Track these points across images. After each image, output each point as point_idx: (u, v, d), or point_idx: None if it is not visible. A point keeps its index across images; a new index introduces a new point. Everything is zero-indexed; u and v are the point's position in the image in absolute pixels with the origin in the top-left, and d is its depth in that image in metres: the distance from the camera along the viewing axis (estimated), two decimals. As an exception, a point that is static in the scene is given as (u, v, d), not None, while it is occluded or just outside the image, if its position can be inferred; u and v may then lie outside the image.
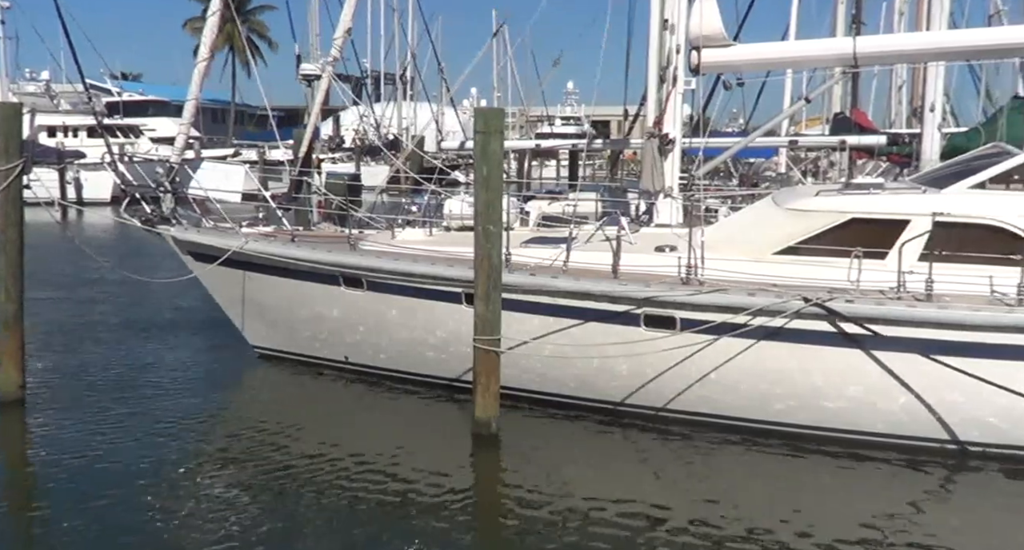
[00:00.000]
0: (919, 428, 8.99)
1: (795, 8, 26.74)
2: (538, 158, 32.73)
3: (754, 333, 9.10)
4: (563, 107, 54.00)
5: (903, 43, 13.17)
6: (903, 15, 25.92)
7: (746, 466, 9.13)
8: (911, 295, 8.83)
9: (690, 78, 12.02)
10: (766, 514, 7.88)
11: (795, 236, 9.72)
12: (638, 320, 9.52)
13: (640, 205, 12.62)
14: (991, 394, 8.55)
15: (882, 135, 19.46)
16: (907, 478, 8.78)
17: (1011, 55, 13.60)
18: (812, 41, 14.14)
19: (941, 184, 9.87)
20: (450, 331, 10.49)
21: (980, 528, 7.70)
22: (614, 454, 9.57)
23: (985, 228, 9.02)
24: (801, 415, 9.34)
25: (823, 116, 28.58)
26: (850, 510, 8.01)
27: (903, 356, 8.79)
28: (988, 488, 8.58)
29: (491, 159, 9.33)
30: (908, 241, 9.14)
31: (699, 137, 12.76)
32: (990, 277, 8.78)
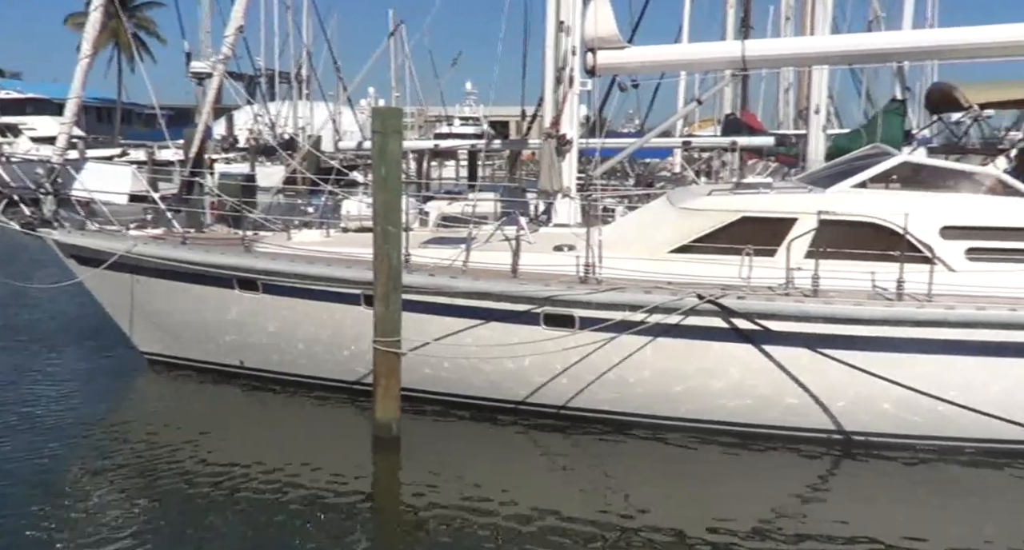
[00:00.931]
0: (808, 420, 9.30)
1: (687, 12, 27.36)
2: (437, 158, 32.63)
3: (651, 330, 9.27)
4: (462, 107, 54.04)
5: (788, 47, 13.63)
6: (789, 20, 26.85)
7: (646, 461, 9.29)
8: (799, 291, 9.14)
9: (586, 79, 12.17)
10: (667, 507, 8.05)
11: (689, 235, 9.94)
12: (538, 319, 9.59)
13: (539, 205, 12.72)
14: (874, 385, 8.90)
15: (770, 136, 20.14)
16: (798, 469, 9.07)
17: (888, 59, 14.17)
18: (703, 44, 14.48)
19: (825, 184, 10.24)
20: (349, 333, 10.37)
21: (866, 514, 8.00)
22: (517, 453, 9.61)
23: (866, 225, 9.40)
24: (698, 410, 9.56)
25: (715, 117, 29.37)
26: (745, 501, 8.24)
27: (792, 350, 9.08)
28: (873, 476, 8.92)
29: (389, 159, 9.25)
30: (795, 239, 9.45)
31: (596, 138, 12.92)
32: (872, 273, 9.15)
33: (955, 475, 8.83)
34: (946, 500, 8.45)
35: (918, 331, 8.80)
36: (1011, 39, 10.94)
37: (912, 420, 9.05)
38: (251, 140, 37.60)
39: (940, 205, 9.55)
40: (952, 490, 8.66)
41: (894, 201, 9.52)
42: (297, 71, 41.12)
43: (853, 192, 9.85)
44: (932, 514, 8.16)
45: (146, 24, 64.47)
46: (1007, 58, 11.35)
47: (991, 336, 8.70)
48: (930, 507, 8.32)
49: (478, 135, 34.43)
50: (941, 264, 9.16)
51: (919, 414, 8.98)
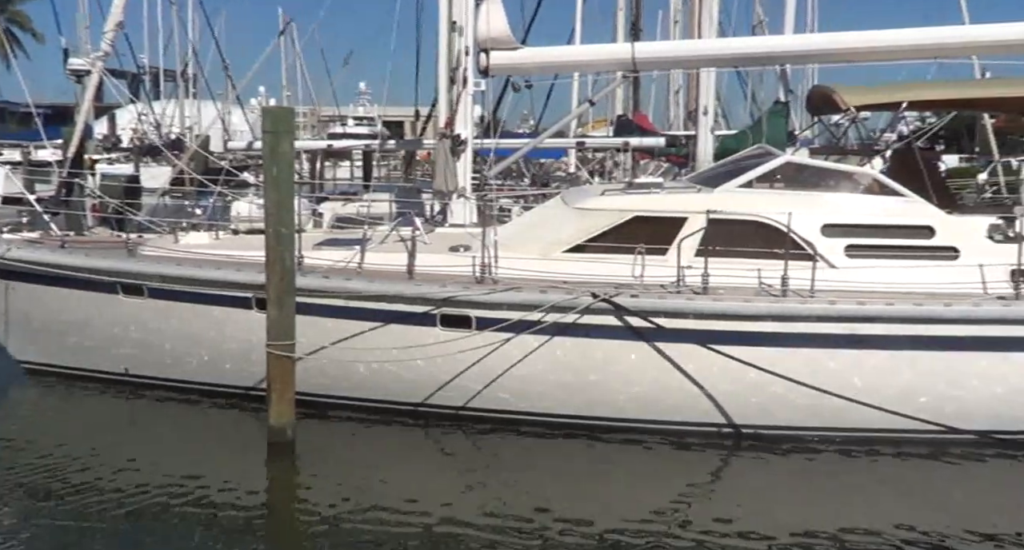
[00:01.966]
0: (700, 414, 9.51)
1: (579, 13, 27.67)
2: (331, 159, 32.15)
3: (547, 330, 9.33)
4: (356, 107, 53.43)
5: (676, 50, 13.96)
6: (678, 23, 27.47)
7: (546, 459, 9.35)
8: (689, 288, 9.35)
9: (480, 80, 12.19)
10: (565, 504, 8.10)
11: (583, 234, 10.05)
12: (434, 320, 9.55)
13: (434, 205, 12.68)
14: (762, 379, 9.17)
15: (661, 137, 20.55)
16: (691, 462, 9.28)
17: (772, 62, 14.66)
18: (594, 46, 14.70)
19: (714, 183, 10.50)
20: (240, 338, 10.11)
21: (756, 505, 8.23)
22: (417, 455, 9.55)
23: (752, 224, 9.68)
24: (595, 407, 9.67)
25: (608, 118, 29.81)
26: (640, 495, 8.38)
27: (684, 346, 9.28)
28: (762, 468, 9.19)
29: (281, 159, 9.08)
30: (686, 237, 9.66)
31: (490, 138, 12.96)
32: (758, 270, 9.43)
33: (841, 465, 9.16)
34: (833, 489, 8.74)
35: (802, 326, 9.11)
36: (885, 44, 11.48)
37: (799, 412, 9.34)
38: (135, 140, 36.33)
39: (821, 204, 9.92)
40: (837, 479, 8.96)
41: (778, 200, 9.83)
42: (183, 69, 39.92)
43: (739, 192, 10.13)
44: (820, 502, 8.44)
45: (20, 19, 61.51)
46: (881, 62, 11.90)
47: (871, 329, 9.07)
48: (818, 496, 8.61)
49: (372, 135, 34.08)
50: (823, 261, 9.51)
51: (806, 406, 9.28)
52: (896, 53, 11.66)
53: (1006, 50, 11.49)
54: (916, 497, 8.50)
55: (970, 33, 12.33)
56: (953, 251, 9.60)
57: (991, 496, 8.57)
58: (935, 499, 8.50)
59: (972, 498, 8.48)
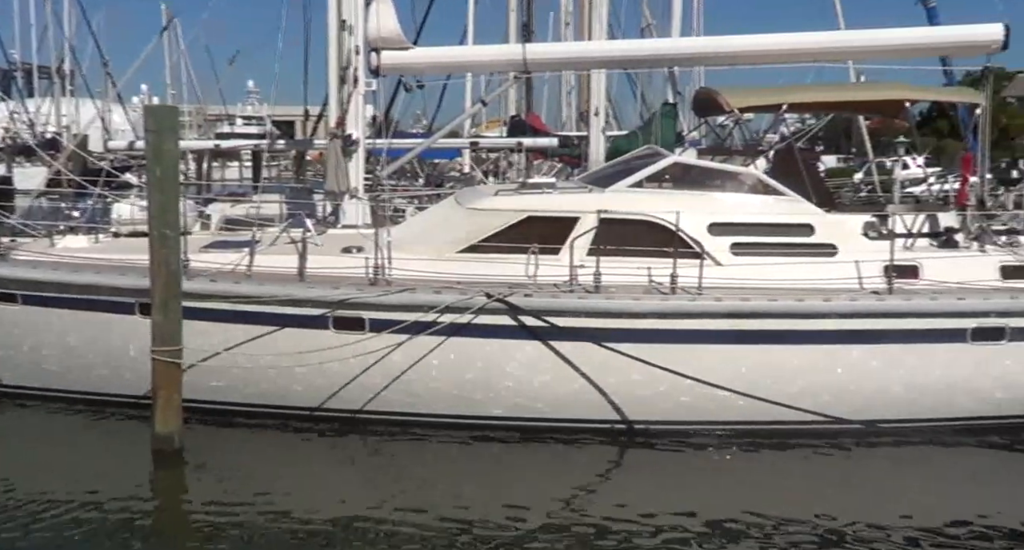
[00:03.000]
0: (594, 411, 9.63)
1: (471, 14, 27.68)
2: (219, 159, 31.34)
3: (443, 331, 9.30)
4: (244, 106, 52.23)
5: (567, 51, 14.13)
6: (569, 25, 27.77)
7: (444, 461, 9.33)
8: (582, 287, 9.47)
9: (371, 79, 12.07)
10: (464, 505, 8.09)
11: (477, 234, 10.06)
12: (327, 323, 9.41)
13: (326, 206, 12.49)
14: (654, 375, 9.34)
15: (554, 137, 20.74)
16: (587, 459, 9.39)
17: (660, 64, 15.02)
18: (486, 47, 14.74)
19: (605, 183, 10.66)
20: (123, 344, 9.75)
21: (648, 500, 8.37)
22: (312, 460, 9.39)
23: (642, 223, 9.87)
24: (491, 407, 9.68)
25: (501, 119, 29.92)
26: (538, 493, 8.44)
27: (577, 345, 9.39)
28: (654, 463, 9.37)
29: (165, 159, 8.81)
30: (578, 237, 9.78)
31: (383, 138, 12.85)
32: (649, 268, 9.62)
33: (732, 458, 9.40)
34: (724, 481, 8.98)
35: (691, 322, 9.34)
36: (766, 48, 11.88)
37: (690, 407, 9.55)
38: (7, 139, 34.65)
39: (708, 203, 10.19)
40: (728, 471, 9.21)
41: (667, 200, 10.05)
42: (59, 66, 38.25)
43: (629, 192, 10.31)
44: (711, 495, 8.62)
45: None
46: (764, 65, 12.30)
47: (756, 325, 9.36)
48: (709, 488, 8.80)
49: (261, 135, 33.35)
50: (710, 259, 9.76)
51: (696, 401, 9.50)
52: (777, 56, 12.07)
53: (879, 55, 12.03)
54: (804, 486, 8.80)
55: (845, 38, 12.88)
56: (831, 248, 9.99)
57: (875, 484, 8.90)
58: (823, 488, 8.78)
59: (858, 486, 8.79)
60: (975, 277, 9.83)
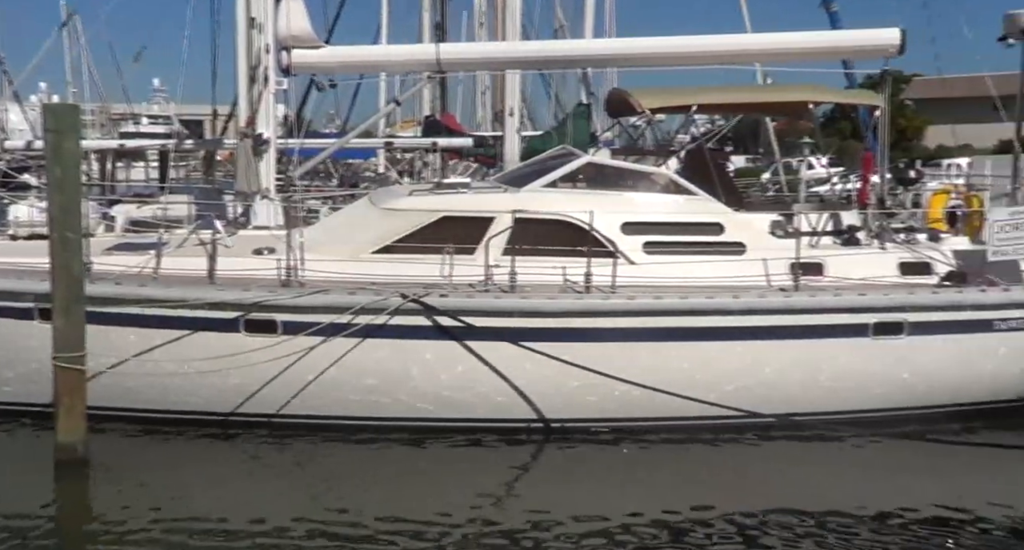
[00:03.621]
0: (512, 411, 9.65)
1: (385, 13, 27.51)
2: (123, 159, 30.39)
3: (358, 332, 9.21)
4: (150, 105, 50.80)
5: (480, 51, 14.13)
6: (483, 25, 27.82)
7: (361, 463, 9.24)
8: (497, 287, 9.48)
9: (282, 78, 11.88)
10: (382, 507, 8.02)
11: (392, 235, 10.00)
12: (238, 326, 9.22)
13: (236, 207, 12.25)
14: (570, 373, 9.40)
15: (469, 137, 20.73)
16: (505, 459, 9.40)
17: (573, 65, 15.15)
18: (399, 46, 14.69)
19: (520, 183, 10.71)
20: (21, 351, 9.38)
21: (566, 498, 8.43)
22: (225, 466, 9.19)
23: (557, 223, 9.94)
24: (409, 408, 9.62)
25: (416, 119, 29.78)
26: (456, 494, 8.41)
27: (494, 344, 9.39)
28: (572, 461, 9.44)
29: (66, 160, 8.52)
30: (493, 237, 9.79)
31: (295, 137, 12.66)
32: (563, 267, 9.69)
33: (647, 454, 9.52)
34: (642, 477, 9.07)
35: (606, 321, 9.44)
36: (677, 50, 12.08)
37: (606, 404, 9.65)
38: None
39: (621, 203, 10.32)
40: (645, 468, 9.33)
41: (581, 199, 10.14)
42: (-53, 62, 36.56)
43: (544, 191, 10.38)
44: (628, 491, 8.70)
45: None
46: (674, 67, 12.52)
47: (668, 322, 9.51)
48: (625, 485, 8.87)
49: (168, 134, 32.49)
50: (623, 258, 9.89)
51: (611, 398, 9.60)
52: (687, 58, 12.28)
53: (784, 58, 12.36)
54: (720, 481, 8.92)
55: (752, 42, 13.19)
56: (740, 246, 10.22)
57: (789, 475, 9.15)
58: (738, 482, 8.90)
59: (773, 478, 9.02)
60: (876, 273, 10.18)
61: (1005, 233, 10.18)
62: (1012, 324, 9.96)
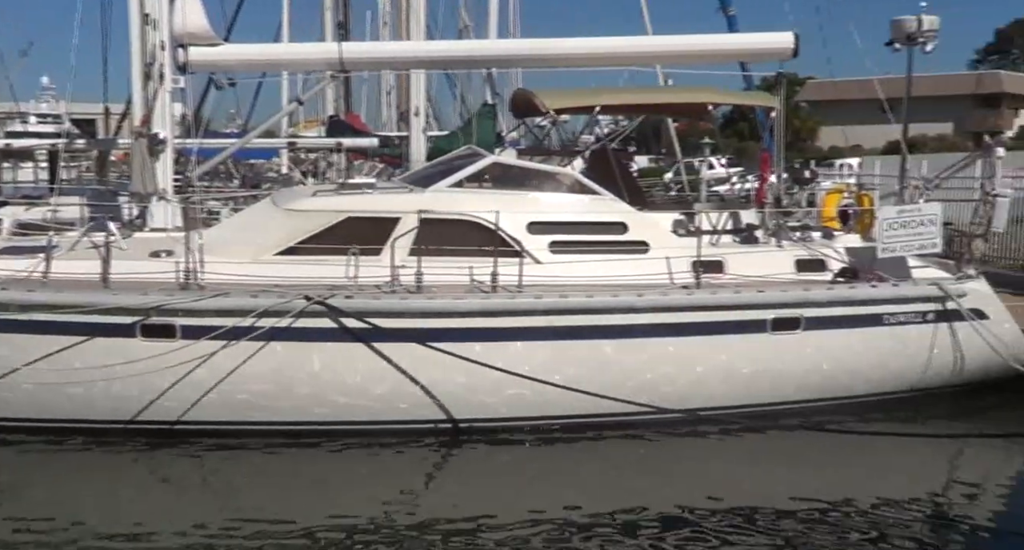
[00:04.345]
0: (420, 412, 9.59)
1: (286, 11, 27.05)
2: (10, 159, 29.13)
3: (262, 336, 9.03)
4: (38, 104, 48.85)
5: (384, 51, 14.01)
6: (387, 25, 27.58)
7: (266, 469, 9.06)
8: (404, 288, 9.42)
9: (178, 76, 11.54)
10: (289, 513, 7.87)
11: (295, 236, 9.84)
12: (134, 331, 8.92)
13: (132, 209, 11.85)
14: (478, 373, 9.39)
15: (374, 137, 20.54)
16: (412, 461, 9.37)
17: (477, 65, 15.14)
18: (300, 45, 14.46)
19: (425, 183, 10.66)
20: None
21: (477, 497, 8.47)
22: (121, 476, 8.92)
23: (463, 223, 9.93)
24: (316, 412, 9.47)
25: (319, 118, 29.38)
26: (365, 498, 8.35)
27: (402, 345, 9.33)
28: (482, 461, 9.47)
29: (-58, 160, 8.10)
30: (399, 237, 9.73)
31: (193, 137, 12.33)
32: (470, 267, 9.68)
33: (558, 452, 9.63)
34: (548, 476, 9.14)
35: (513, 320, 9.47)
36: (580, 51, 12.18)
37: (514, 404, 9.67)
38: None
39: (527, 203, 10.38)
40: (556, 465, 9.41)
41: (487, 199, 10.15)
42: None
43: (450, 191, 10.36)
44: (539, 490, 8.77)
45: None
46: (577, 68, 12.65)
47: (574, 321, 9.59)
48: (537, 483, 8.94)
49: (59, 134, 31.25)
50: (529, 257, 9.94)
51: (519, 398, 9.62)
52: (590, 60, 12.41)
53: (684, 59, 12.59)
54: (631, 477, 9.03)
55: (654, 44, 13.39)
56: (644, 245, 10.38)
57: (698, 470, 9.35)
58: (649, 477, 9.04)
59: (680, 473, 9.22)
60: (773, 271, 10.47)
61: (893, 231, 10.58)
62: (900, 318, 10.38)
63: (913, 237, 10.61)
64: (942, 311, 10.44)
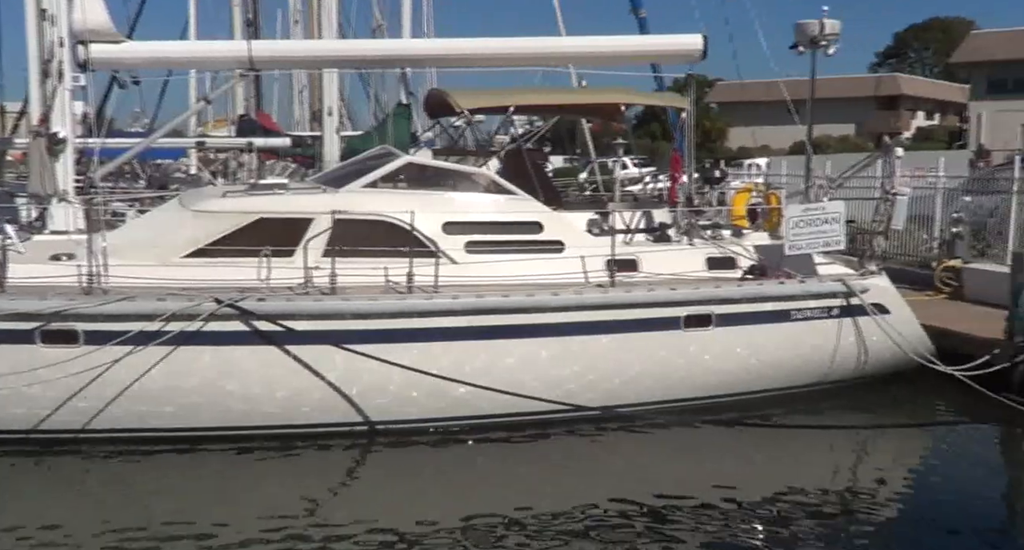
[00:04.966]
0: (336, 415, 9.46)
1: (193, 7, 26.40)
2: None
3: (170, 340, 8.80)
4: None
5: (295, 49, 13.81)
6: (298, 23, 27.16)
7: (178, 477, 8.82)
8: (317, 289, 9.28)
9: (78, 74, 11.16)
10: (202, 520, 7.72)
11: (205, 238, 9.63)
12: (34, 338, 8.59)
13: (30, 210, 11.41)
14: (394, 375, 9.31)
15: (287, 137, 20.21)
16: (331, 464, 9.26)
17: (391, 65, 15.02)
18: (208, 42, 14.14)
19: (339, 184, 10.54)
20: None
21: (395, 501, 8.39)
22: (22, 487, 8.57)
23: (378, 223, 9.84)
24: (228, 417, 9.26)
25: (229, 118, 28.77)
26: (281, 503, 8.17)
27: (316, 348, 9.19)
28: (400, 462, 9.38)
29: None
30: (312, 238, 9.59)
31: (95, 136, 11.94)
32: (385, 268, 9.60)
33: (476, 451, 9.60)
34: (467, 477, 9.14)
35: (429, 321, 9.42)
36: (494, 51, 12.20)
37: (431, 404, 9.62)
38: None
39: (442, 203, 10.34)
40: (474, 466, 9.43)
41: (401, 200, 10.08)
42: None
43: (364, 192, 10.26)
44: (457, 490, 8.74)
45: None
46: (492, 68, 12.65)
47: (491, 321, 9.59)
48: (454, 483, 8.90)
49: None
50: (445, 257, 9.90)
51: (437, 398, 9.57)
52: (504, 60, 12.43)
53: (597, 61, 12.72)
54: (551, 475, 9.07)
55: (567, 44, 13.51)
56: (559, 244, 10.45)
57: (616, 466, 9.39)
58: (568, 475, 9.07)
59: (598, 469, 9.23)
60: (686, 269, 10.65)
61: (799, 229, 10.88)
62: (807, 314, 10.68)
63: (818, 235, 10.92)
64: (846, 306, 10.78)
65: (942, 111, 69.79)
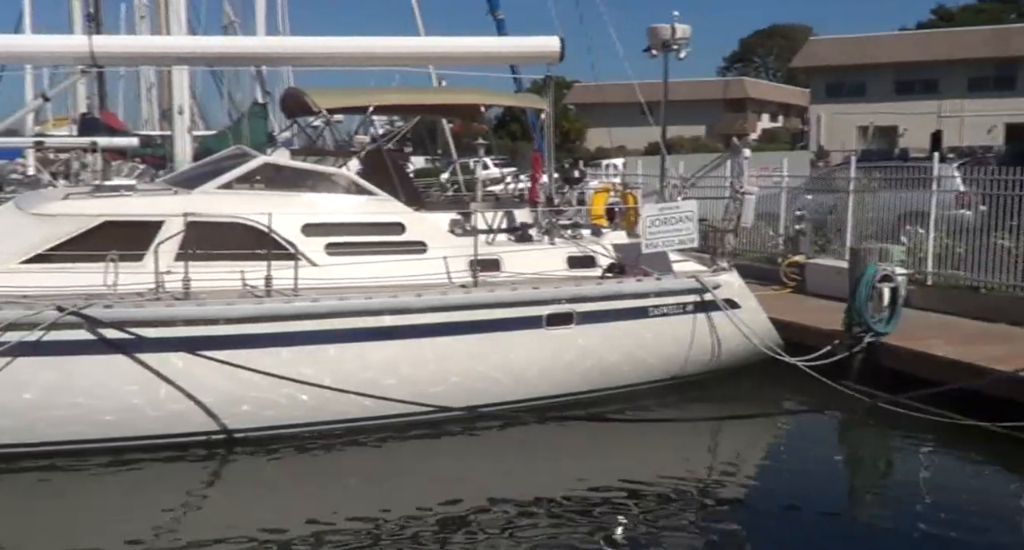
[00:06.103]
0: (192, 424, 9.13)
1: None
2: None
3: (8, 351, 8.29)
4: None
5: (141, 45, 13.26)
6: (144, 18, 26.06)
7: (22, 495, 8.33)
8: (170, 294, 8.94)
9: None
10: (45, 540, 7.32)
11: (45, 242, 9.13)
12: None
13: None
14: (252, 381, 9.04)
15: (134, 137, 19.37)
16: (188, 475, 8.91)
17: (244, 62, 14.61)
18: (45, 37, 13.42)
19: (191, 185, 10.18)
20: None
21: (254, 511, 8.17)
22: None
23: (233, 226, 9.56)
24: (74, 429, 8.80)
25: (71, 116, 27.38)
26: (137, 515, 7.85)
27: (169, 355, 8.85)
28: (259, 470, 9.14)
29: None
30: (163, 242, 9.23)
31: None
32: (242, 272, 9.33)
33: (338, 456, 9.45)
34: (331, 483, 8.97)
35: (288, 324, 9.21)
36: (351, 50, 12.04)
37: (293, 410, 9.40)
38: None
39: (301, 204, 10.14)
40: (337, 472, 9.25)
41: (258, 201, 9.83)
42: None
43: (219, 193, 9.94)
44: (320, 496, 8.56)
45: None
46: (350, 67, 12.47)
47: (354, 323, 9.45)
48: (317, 489, 8.74)
49: None
50: (305, 260, 9.71)
51: (298, 404, 9.37)
52: (363, 59, 12.27)
53: (456, 61, 12.74)
54: (417, 478, 8.98)
55: (426, 45, 13.48)
56: (421, 245, 10.42)
57: (482, 467, 9.43)
58: (432, 478, 9.02)
59: (463, 471, 9.23)
60: (547, 268, 10.81)
61: (656, 227, 11.20)
62: (664, 310, 11.02)
63: (673, 233, 11.28)
64: (700, 302, 11.17)
65: (785, 113, 73.42)
